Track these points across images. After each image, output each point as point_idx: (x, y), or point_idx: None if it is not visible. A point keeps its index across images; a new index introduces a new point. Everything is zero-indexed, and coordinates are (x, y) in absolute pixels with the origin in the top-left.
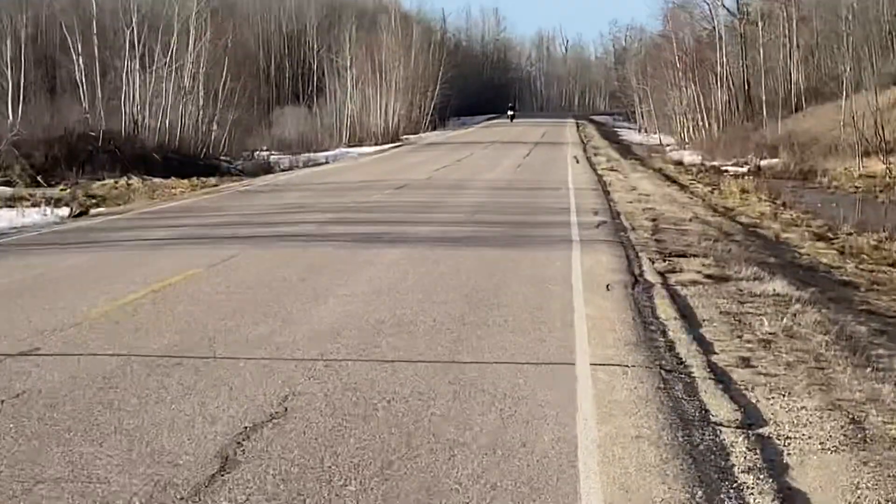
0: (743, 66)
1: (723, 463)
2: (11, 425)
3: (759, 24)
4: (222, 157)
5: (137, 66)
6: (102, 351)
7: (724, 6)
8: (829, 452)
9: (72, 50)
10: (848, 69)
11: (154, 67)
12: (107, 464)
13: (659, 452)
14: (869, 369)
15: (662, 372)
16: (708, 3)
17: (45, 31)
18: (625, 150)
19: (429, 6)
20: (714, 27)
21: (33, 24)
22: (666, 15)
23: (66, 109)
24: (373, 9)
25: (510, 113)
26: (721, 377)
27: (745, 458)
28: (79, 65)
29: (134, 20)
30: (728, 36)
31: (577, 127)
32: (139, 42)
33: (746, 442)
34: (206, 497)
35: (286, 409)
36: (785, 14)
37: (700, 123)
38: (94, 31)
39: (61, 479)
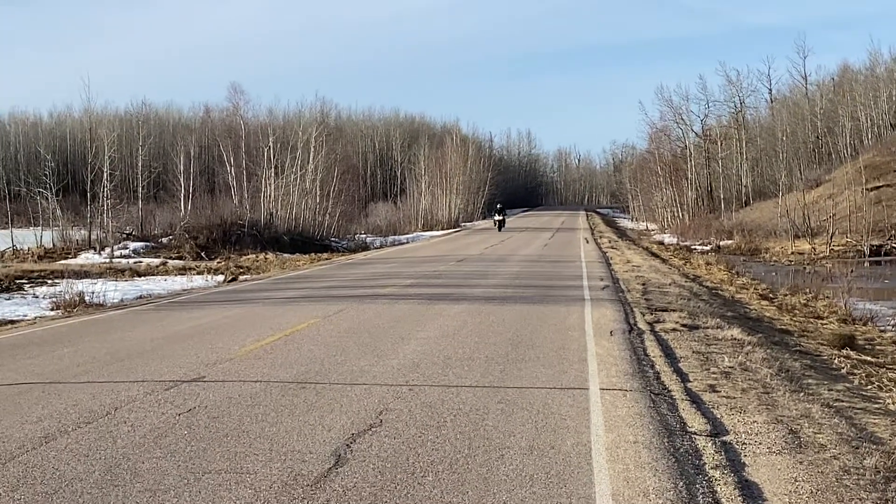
0: (707, 173)
1: (697, 462)
2: (185, 432)
3: (718, 142)
4: (332, 239)
5: (273, 174)
6: (250, 378)
7: (692, 130)
8: (774, 454)
9: (226, 162)
10: (783, 175)
11: (284, 175)
12: (254, 460)
13: (651, 454)
14: (802, 394)
15: (652, 395)
16: (681, 129)
17: (206, 148)
18: (621, 233)
19: (480, 129)
20: (686, 145)
21: (198, 144)
22: (650, 136)
23: (221, 204)
24: (440, 132)
25: (497, 218)
26: (695, 399)
27: (713, 458)
28: (231, 173)
29: (270, 140)
30: (695, 151)
31: (587, 217)
32: (273, 157)
33: (714, 447)
34: (326, 484)
35: (381, 421)
36: (737, 135)
37: (675, 214)
38: (243, 149)
39: (222, 470)
